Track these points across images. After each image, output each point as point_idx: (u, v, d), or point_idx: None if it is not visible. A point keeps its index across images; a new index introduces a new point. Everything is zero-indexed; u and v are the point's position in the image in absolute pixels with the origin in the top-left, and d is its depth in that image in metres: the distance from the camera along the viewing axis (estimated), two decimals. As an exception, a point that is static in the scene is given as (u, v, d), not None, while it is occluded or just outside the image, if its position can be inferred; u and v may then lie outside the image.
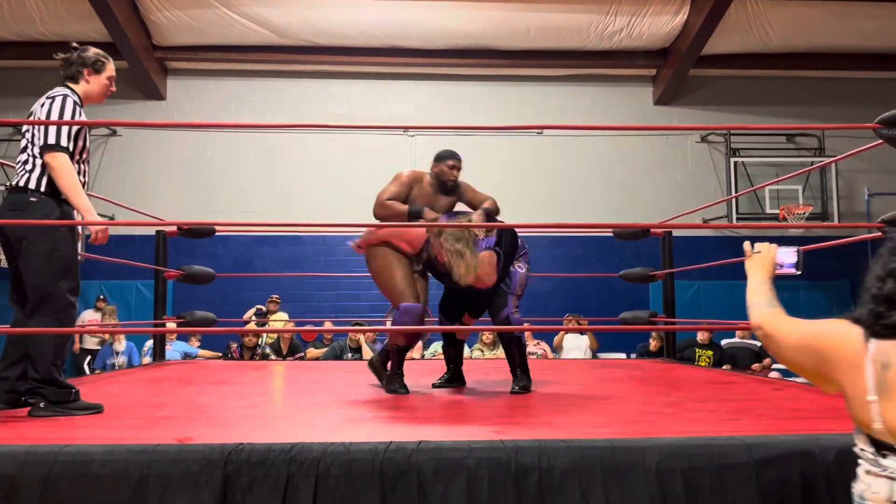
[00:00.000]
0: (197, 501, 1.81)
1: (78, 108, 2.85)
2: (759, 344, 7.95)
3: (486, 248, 3.29)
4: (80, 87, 2.96)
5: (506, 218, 3.83)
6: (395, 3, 9.36)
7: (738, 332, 8.08)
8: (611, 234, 6.30)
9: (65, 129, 2.77)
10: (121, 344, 8.17)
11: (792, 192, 10.23)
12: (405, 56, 10.16)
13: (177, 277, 5.26)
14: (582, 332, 8.28)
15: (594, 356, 8.10)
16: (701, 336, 7.65)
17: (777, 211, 9.96)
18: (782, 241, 9.80)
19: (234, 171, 10.30)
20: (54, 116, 2.76)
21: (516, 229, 3.65)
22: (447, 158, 3.91)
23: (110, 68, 3.03)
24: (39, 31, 9.49)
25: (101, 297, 9.15)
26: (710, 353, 7.50)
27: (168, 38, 9.82)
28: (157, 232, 5.35)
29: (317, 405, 2.91)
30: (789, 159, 10.49)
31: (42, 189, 2.76)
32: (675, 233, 5.92)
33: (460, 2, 9.36)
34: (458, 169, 3.79)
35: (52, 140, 2.73)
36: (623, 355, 9.09)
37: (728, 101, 10.74)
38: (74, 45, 3.03)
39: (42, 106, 2.84)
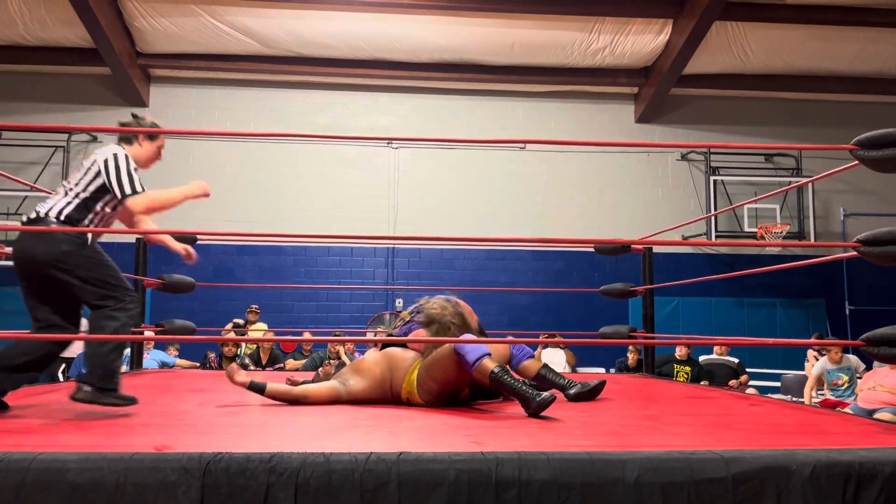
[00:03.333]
0: (174, 511, 1.79)
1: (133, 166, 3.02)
2: (736, 360, 8.02)
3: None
4: (132, 150, 3.11)
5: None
6: (380, 16, 9.41)
7: (715, 349, 8.15)
8: (591, 249, 6.34)
9: (135, 177, 2.96)
10: (96, 352, 8.05)
11: (770, 211, 10.39)
12: (390, 69, 10.21)
13: (156, 286, 5.20)
14: (561, 346, 8.32)
15: (573, 371, 8.11)
16: (679, 352, 7.70)
17: (755, 229, 10.11)
18: (760, 259, 9.92)
19: (215, 180, 10.21)
20: (121, 169, 2.93)
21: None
22: None
23: (162, 137, 3.25)
24: (22, 35, 9.42)
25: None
26: (688, 368, 7.55)
27: (152, 45, 9.78)
28: (137, 239, 5.30)
29: (296, 414, 2.90)
30: (767, 178, 10.67)
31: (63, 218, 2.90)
32: (655, 249, 5.97)
33: (446, 16, 9.43)
34: None
35: (128, 190, 2.91)
36: (602, 370, 9.13)
37: (708, 120, 10.90)
38: (134, 113, 3.31)
39: (105, 160, 2.94)
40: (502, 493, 1.84)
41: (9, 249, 3.28)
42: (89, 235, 2.89)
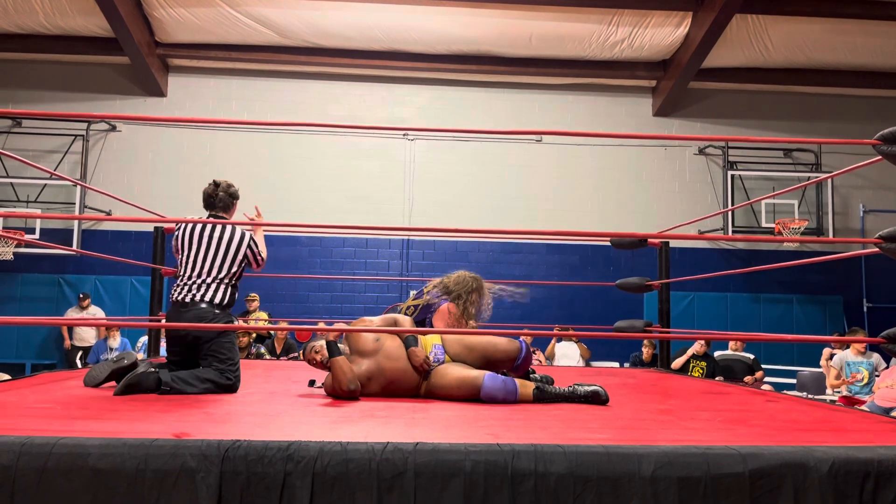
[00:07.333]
0: (193, 497, 1.81)
1: None
2: (751, 356, 7.98)
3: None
4: (230, 216, 4.01)
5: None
6: (397, 7, 9.39)
7: (731, 344, 8.11)
8: (607, 243, 6.32)
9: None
10: (115, 340, 8.15)
11: (788, 207, 10.29)
12: (407, 60, 10.19)
13: (174, 275, 5.24)
14: (575, 340, 8.30)
15: (587, 365, 8.11)
16: (695, 347, 7.66)
17: (773, 225, 10.02)
18: (777, 255, 9.79)
19: (231, 169, 10.28)
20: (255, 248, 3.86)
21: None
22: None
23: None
24: (42, 24, 9.49)
25: (84, 293, 9.01)
26: (703, 364, 7.52)
27: (170, 34, 9.82)
28: (156, 228, 5.35)
29: (313, 404, 2.92)
30: (786, 174, 10.56)
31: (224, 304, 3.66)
32: (671, 244, 5.94)
33: (463, 7, 9.39)
34: None
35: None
36: (616, 364, 9.12)
37: (727, 114, 10.80)
38: (216, 181, 3.99)
39: (229, 233, 3.80)
40: (518, 485, 1.85)
41: (28, 237, 3.42)
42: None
